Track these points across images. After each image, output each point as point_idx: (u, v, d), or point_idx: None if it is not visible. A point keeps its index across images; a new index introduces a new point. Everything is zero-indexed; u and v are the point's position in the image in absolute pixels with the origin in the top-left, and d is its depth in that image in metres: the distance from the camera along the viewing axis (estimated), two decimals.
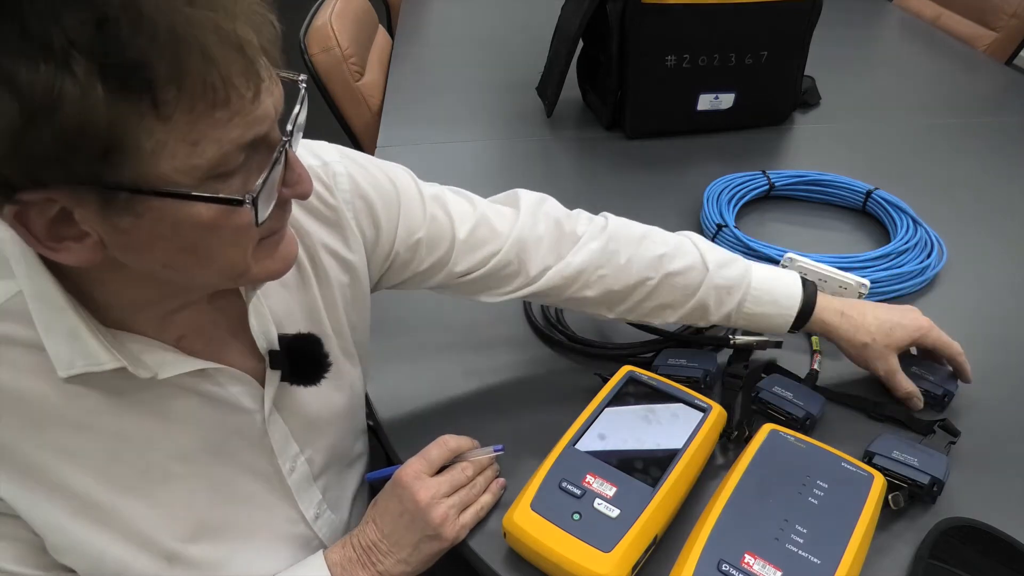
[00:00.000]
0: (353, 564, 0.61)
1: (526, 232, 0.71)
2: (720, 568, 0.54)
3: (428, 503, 0.61)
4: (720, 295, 0.73)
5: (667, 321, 0.76)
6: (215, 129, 0.40)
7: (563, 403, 0.72)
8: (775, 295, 0.73)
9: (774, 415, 0.72)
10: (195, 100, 0.39)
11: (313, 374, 0.60)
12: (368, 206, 0.65)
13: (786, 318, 0.73)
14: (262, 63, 0.41)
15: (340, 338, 0.67)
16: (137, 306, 0.50)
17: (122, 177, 0.39)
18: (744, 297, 0.73)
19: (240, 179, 0.43)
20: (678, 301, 0.73)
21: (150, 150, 0.39)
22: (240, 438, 0.58)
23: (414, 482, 0.62)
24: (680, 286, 0.73)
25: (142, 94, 0.37)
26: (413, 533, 0.61)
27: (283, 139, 0.45)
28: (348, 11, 1.51)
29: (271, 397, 0.58)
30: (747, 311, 0.73)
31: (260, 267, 0.49)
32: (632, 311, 0.75)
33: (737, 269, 0.73)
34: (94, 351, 0.48)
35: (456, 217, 0.69)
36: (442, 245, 0.69)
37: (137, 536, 0.53)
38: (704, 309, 0.73)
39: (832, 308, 0.74)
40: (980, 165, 1.20)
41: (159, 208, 0.41)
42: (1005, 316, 0.88)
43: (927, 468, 0.63)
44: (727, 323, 0.75)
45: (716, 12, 1.17)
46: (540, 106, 1.38)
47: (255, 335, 0.57)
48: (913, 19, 1.87)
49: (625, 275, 0.72)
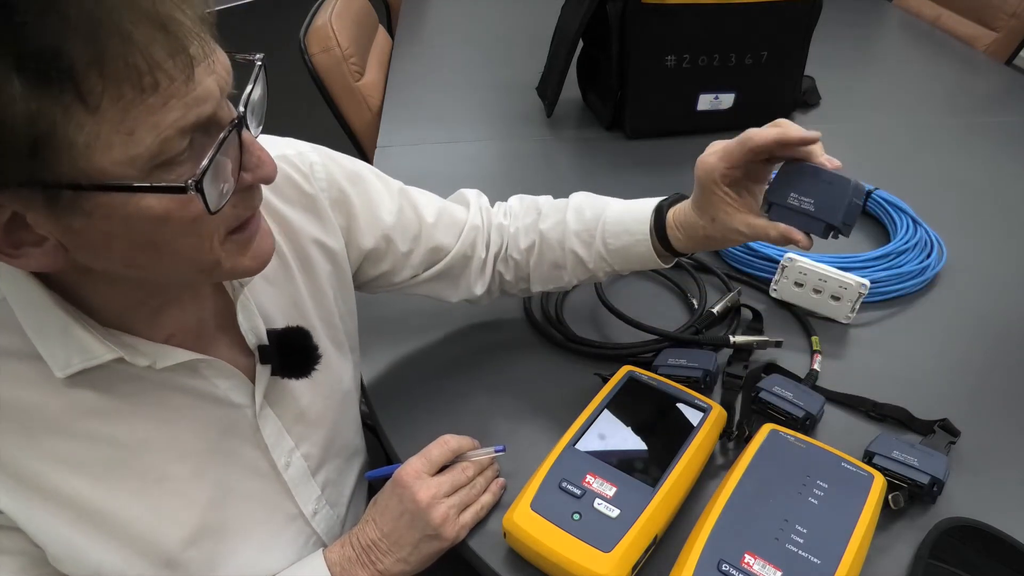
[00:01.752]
0: (352, 563, 0.61)
1: (476, 220, 0.76)
2: (720, 568, 0.54)
3: (428, 503, 0.61)
4: (584, 240, 0.72)
5: (567, 282, 0.75)
6: (150, 115, 0.38)
7: (563, 403, 0.72)
8: (626, 224, 0.69)
9: (774, 415, 0.72)
10: (121, 86, 0.37)
11: (303, 367, 0.60)
12: (343, 196, 0.67)
13: (645, 244, 0.68)
14: (195, 41, 0.39)
15: (329, 328, 0.67)
16: (123, 308, 0.50)
17: (60, 175, 0.38)
18: (604, 235, 0.70)
19: (189, 166, 0.41)
20: (559, 257, 0.74)
21: (84, 144, 0.37)
22: (234, 435, 0.58)
23: (414, 482, 0.62)
24: (554, 242, 0.74)
25: (63, 84, 0.35)
26: (413, 532, 0.61)
27: (233, 118, 0.43)
28: (348, 11, 1.51)
29: (262, 392, 0.58)
30: (611, 248, 0.70)
31: (233, 263, 0.48)
32: (537, 279, 0.77)
33: (594, 210, 0.72)
34: (89, 345, 0.47)
35: (420, 204, 0.74)
36: (411, 231, 0.72)
37: (136, 542, 0.53)
38: (578, 260, 0.72)
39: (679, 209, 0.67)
40: (980, 165, 1.20)
41: (106, 204, 0.40)
42: (1005, 316, 0.88)
43: (927, 468, 0.63)
44: (609, 269, 0.72)
45: (716, 12, 1.17)
46: (540, 106, 1.38)
47: (243, 331, 0.57)
48: (913, 19, 1.87)
49: (516, 245, 0.77)
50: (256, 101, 0.46)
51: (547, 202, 0.78)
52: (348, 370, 0.70)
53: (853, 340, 0.84)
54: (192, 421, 0.55)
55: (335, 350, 0.68)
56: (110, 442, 0.51)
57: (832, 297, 0.85)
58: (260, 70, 0.46)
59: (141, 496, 0.53)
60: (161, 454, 0.54)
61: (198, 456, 0.56)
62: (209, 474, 0.56)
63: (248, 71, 0.46)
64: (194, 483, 0.56)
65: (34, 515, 0.49)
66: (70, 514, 0.50)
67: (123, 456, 0.52)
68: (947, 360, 0.77)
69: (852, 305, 0.84)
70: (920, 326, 0.86)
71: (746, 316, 0.87)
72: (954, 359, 0.79)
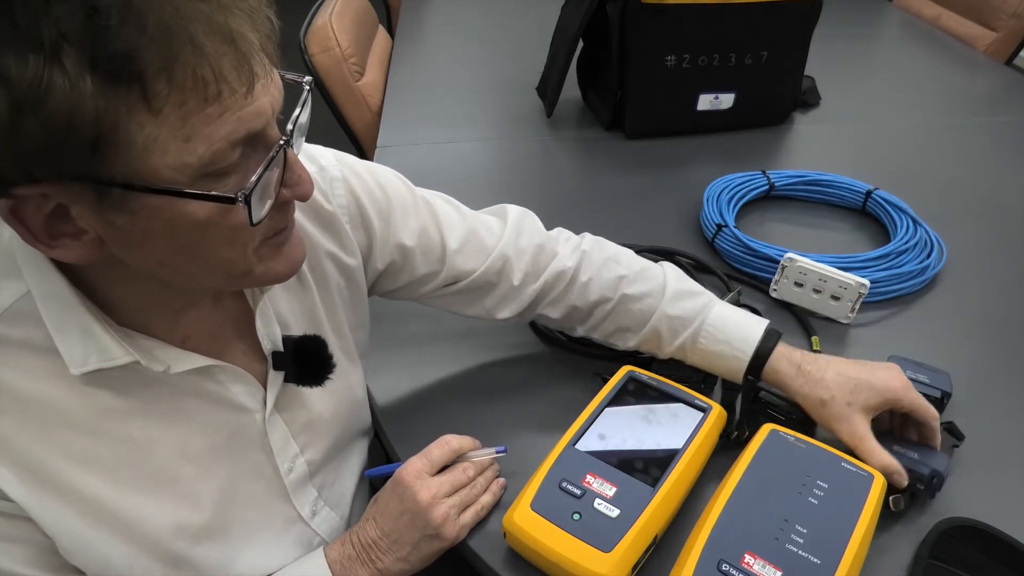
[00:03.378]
0: (352, 561, 0.61)
1: (510, 248, 0.72)
2: (720, 568, 0.54)
3: (429, 502, 0.61)
4: (674, 325, 0.71)
5: (628, 345, 0.75)
6: (206, 125, 0.40)
7: (563, 403, 0.72)
8: (729, 336, 0.70)
9: (775, 415, 0.72)
10: (186, 93, 0.38)
11: (318, 375, 0.60)
12: (362, 213, 0.66)
13: (740, 360, 0.69)
14: (257, 59, 0.41)
15: (340, 338, 0.67)
16: (144, 307, 0.51)
17: (115, 173, 0.39)
18: (698, 332, 0.71)
19: (236, 178, 0.43)
20: (635, 325, 0.73)
21: (142, 145, 0.38)
22: (241, 438, 0.58)
23: (415, 481, 0.62)
24: (636, 311, 0.72)
25: (131, 85, 0.37)
26: (413, 532, 0.61)
27: (282, 138, 0.45)
28: (348, 11, 1.51)
29: (273, 397, 0.59)
30: (700, 347, 0.71)
31: (264, 268, 0.49)
32: (595, 330, 0.76)
33: (696, 303, 0.71)
34: (107, 346, 0.48)
35: (445, 227, 0.71)
36: (433, 254, 0.70)
37: (145, 539, 0.53)
38: (658, 337, 0.72)
39: (790, 359, 0.69)
40: (980, 165, 1.20)
41: (153, 205, 0.41)
42: (1005, 316, 0.88)
43: (928, 461, 0.63)
44: (683, 357, 0.73)
45: (716, 12, 1.17)
46: (540, 106, 1.38)
47: (260, 336, 0.58)
48: (913, 19, 1.87)
49: (585, 294, 0.73)
50: (302, 123, 0.48)
51: (632, 261, 0.75)
52: (359, 379, 0.71)
53: (853, 340, 0.84)
54: (203, 423, 0.55)
55: (346, 359, 0.68)
56: (123, 440, 0.51)
57: (832, 297, 0.85)
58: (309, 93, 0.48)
59: (151, 495, 0.53)
60: (172, 454, 0.54)
61: (207, 457, 0.56)
62: (216, 475, 0.57)
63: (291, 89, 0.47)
64: (202, 484, 0.56)
65: (47, 507, 0.49)
66: (81, 508, 0.50)
67: (135, 455, 0.52)
68: (947, 360, 0.77)
69: (852, 305, 0.84)
70: (920, 326, 0.86)
71: None
72: (954, 359, 0.79)
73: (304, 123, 0.48)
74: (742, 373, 0.70)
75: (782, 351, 0.69)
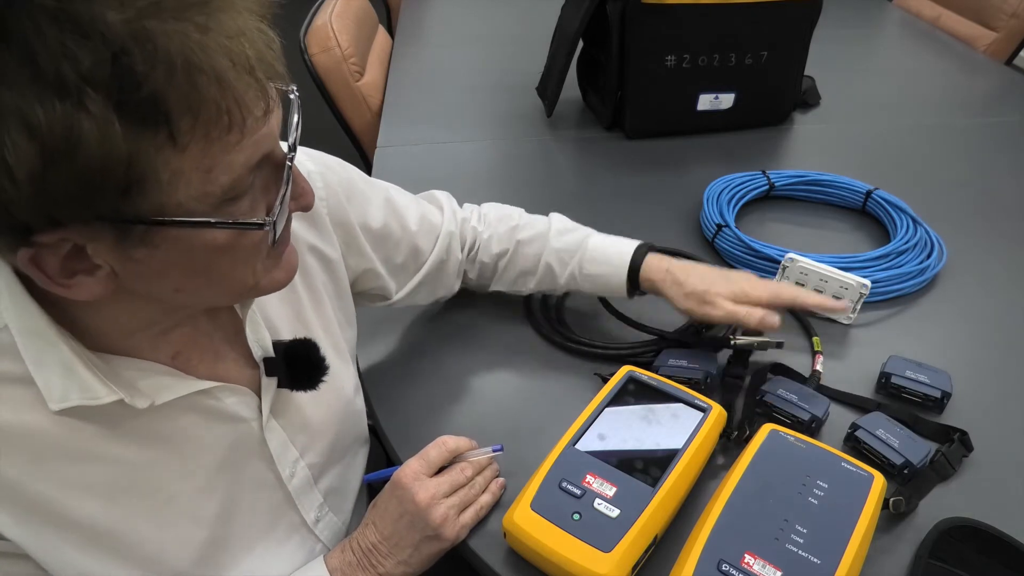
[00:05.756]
0: (353, 568, 0.60)
1: (452, 224, 0.81)
2: (720, 568, 0.54)
3: (427, 504, 0.61)
4: (562, 257, 0.81)
5: (528, 288, 0.83)
6: (227, 154, 0.40)
7: (563, 403, 0.72)
8: (607, 255, 0.79)
9: (779, 418, 0.72)
10: (210, 127, 0.38)
11: (311, 379, 0.59)
12: (339, 204, 0.68)
13: (619, 277, 0.78)
14: (270, 83, 0.41)
15: (330, 336, 0.67)
16: (132, 329, 0.49)
17: (140, 210, 0.39)
18: (582, 259, 0.80)
19: (248, 199, 0.43)
20: (530, 267, 0.82)
21: (167, 180, 0.38)
22: (239, 449, 0.58)
23: (413, 483, 0.62)
24: (530, 254, 0.82)
25: (159, 126, 0.37)
26: (413, 534, 0.61)
27: (288, 156, 0.45)
28: (348, 11, 1.51)
29: (268, 404, 0.58)
30: (585, 271, 0.80)
31: (268, 279, 0.50)
32: (501, 280, 0.84)
33: (577, 236, 0.81)
34: (90, 385, 0.46)
35: (403, 213, 0.76)
36: (394, 235, 0.75)
37: (145, 561, 0.52)
38: (551, 273, 0.81)
39: (659, 266, 0.78)
40: (980, 165, 1.20)
41: (175, 237, 0.41)
42: (1005, 316, 0.88)
43: (905, 452, 0.64)
44: (575, 287, 0.81)
45: (716, 12, 1.17)
46: (540, 106, 1.38)
47: (251, 344, 0.57)
48: (913, 19, 1.87)
49: (488, 249, 0.82)
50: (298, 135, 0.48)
51: (523, 215, 0.85)
52: (349, 377, 0.71)
53: (853, 340, 0.84)
54: (199, 439, 0.55)
55: (337, 359, 0.68)
56: (117, 464, 0.50)
57: (833, 297, 0.85)
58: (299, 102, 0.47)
59: (150, 516, 0.52)
60: (168, 473, 0.53)
61: (206, 472, 0.55)
62: (217, 489, 0.56)
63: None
64: (202, 499, 0.55)
65: (42, 540, 0.48)
66: (78, 537, 0.49)
67: (131, 477, 0.51)
68: (947, 360, 0.77)
69: (853, 305, 0.84)
70: (920, 326, 0.86)
71: None
72: (954, 359, 0.79)
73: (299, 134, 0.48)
74: (624, 288, 0.79)
75: (652, 260, 0.78)
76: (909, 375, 0.74)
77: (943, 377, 0.74)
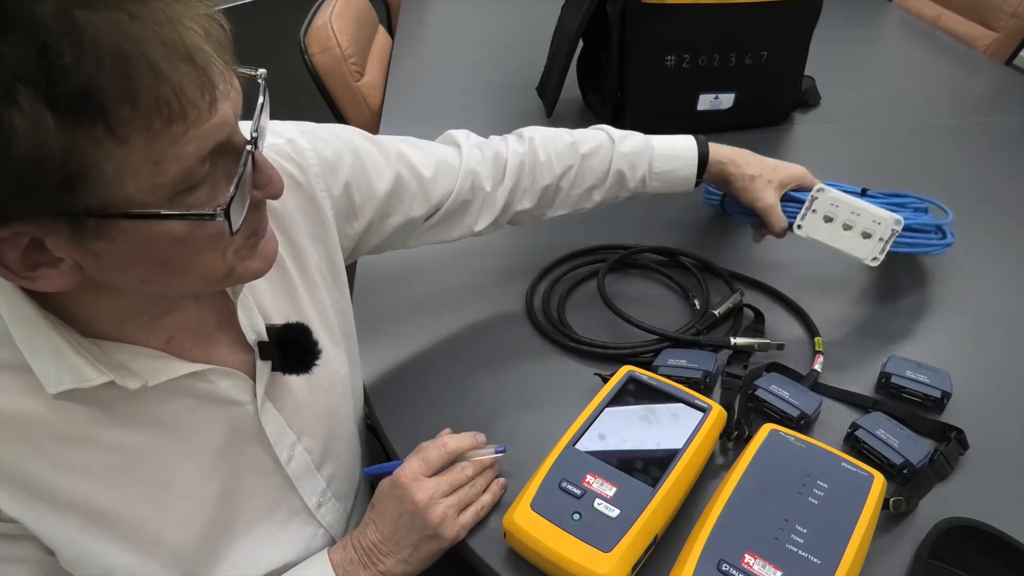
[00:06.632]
0: (355, 565, 0.61)
1: (473, 162, 0.78)
2: (720, 568, 0.54)
3: (427, 503, 0.61)
4: (632, 160, 0.83)
5: (595, 202, 0.85)
6: (173, 145, 0.39)
7: (563, 403, 0.72)
8: (676, 151, 0.84)
9: (770, 413, 0.72)
10: (151, 118, 0.37)
11: (304, 363, 0.59)
12: (337, 177, 0.67)
13: (691, 167, 0.84)
14: (216, 69, 0.40)
15: (324, 322, 0.67)
16: (123, 317, 0.50)
17: (88, 203, 0.38)
18: (652, 158, 0.84)
19: (208, 188, 0.43)
20: (599, 179, 0.83)
21: (112, 173, 0.38)
22: (236, 433, 0.58)
23: (412, 483, 0.62)
24: (596, 165, 0.83)
25: (95, 119, 0.36)
26: (412, 533, 0.61)
27: (248, 144, 0.44)
28: (348, 11, 1.51)
29: (263, 388, 0.58)
30: (656, 170, 0.84)
31: (243, 267, 0.49)
32: (566, 203, 0.84)
33: (639, 138, 0.84)
34: (79, 368, 0.47)
35: (416, 162, 0.75)
36: (411, 190, 0.74)
37: (146, 544, 0.53)
38: (621, 178, 0.84)
39: (724, 152, 0.86)
40: (980, 165, 1.20)
41: (130, 229, 0.41)
42: (1005, 316, 0.88)
43: (904, 452, 0.64)
44: (644, 189, 0.85)
45: (716, 12, 1.17)
46: (540, 106, 1.38)
47: (244, 328, 0.57)
48: (913, 19, 1.87)
49: (552, 170, 0.81)
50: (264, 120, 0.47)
51: (573, 132, 0.84)
52: (343, 360, 0.70)
53: (854, 340, 0.84)
54: (195, 423, 0.55)
55: (331, 344, 0.68)
56: (115, 448, 0.51)
57: (863, 234, 0.82)
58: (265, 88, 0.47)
59: (150, 499, 0.53)
60: (167, 457, 0.53)
61: (204, 456, 0.56)
62: (216, 473, 0.56)
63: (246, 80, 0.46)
64: (202, 483, 0.56)
65: (44, 521, 0.49)
66: (80, 519, 0.50)
67: (129, 461, 0.51)
68: (947, 360, 0.77)
69: (883, 245, 0.81)
70: (920, 326, 0.86)
71: (748, 316, 0.87)
72: (954, 359, 0.79)
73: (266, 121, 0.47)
74: (694, 179, 0.85)
75: (715, 147, 0.86)
76: (909, 375, 0.74)
77: (943, 377, 0.74)
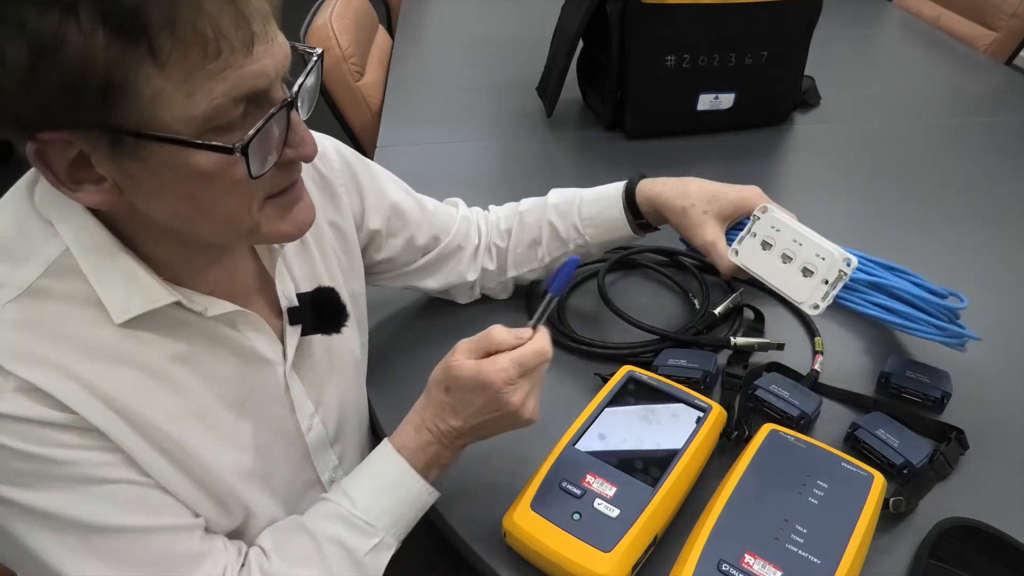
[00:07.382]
0: (432, 445, 0.60)
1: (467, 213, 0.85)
2: (720, 568, 0.54)
3: (519, 407, 0.58)
4: (561, 211, 0.83)
5: (542, 260, 0.84)
6: (207, 80, 0.42)
7: (563, 403, 0.72)
8: (603, 192, 0.82)
9: (770, 413, 0.72)
10: (188, 48, 0.41)
11: (335, 322, 0.63)
12: (354, 179, 0.73)
13: (617, 207, 0.80)
14: (257, 20, 0.44)
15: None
16: (175, 262, 0.53)
17: (126, 121, 0.42)
18: (580, 205, 0.82)
19: (240, 133, 0.45)
20: (536, 234, 0.84)
21: (149, 97, 0.42)
22: (264, 392, 0.60)
23: (507, 388, 0.58)
24: (532, 221, 0.84)
25: (139, 39, 0.40)
26: (499, 425, 0.60)
27: (285, 98, 0.47)
28: (348, 11, 1.51)
29: (292, 348, 0.61)
30: (585, 215, 0.81)
31: (271, 227, 0.52)
32: (514, 263, 0.85)
33: (572, 191, 0.84)
34: (151, 287, 0.51)
35: (419, 197, 0.81)
36: (414, 216, 0.79)
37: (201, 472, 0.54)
38: (554, 230, 0.83)
39: (656, 185, 0.79)
40: (980, 165, 1.20)
41: (160, 154, 0.44)
42: (1005, 316, 0.88)
43: (904, 452, 0.64)
44: (582, 242, 0.82)
45: (716, 12, 1.17)
46: (540, 106, 1.38)
47: (279, 292, 0.61)
48: (913, 19, 1.87)
49: (497, 229, 0.85)
50: (309, 89, 0.51)
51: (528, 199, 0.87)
52: (357, 342, 0.73)
53: (854, 340, 0.84)
54: (232, 373, 0.57)
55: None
56: (171, 382, 0.53)
57: (803, 271, 0.68)
58: (317, 62, 0.52)
59: (204, 433, 0.55)
60: (211, 400, 0.56)
61: (239, 407, 0.58)
62: (247, 426, 0.58)
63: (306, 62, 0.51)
64: (239, 430, 0.58)
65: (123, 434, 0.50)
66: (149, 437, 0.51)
67: (181, 396, 0.54)
68: (947, 360, 0.77)
69: (827, 290, 0.66)
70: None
71: (748, 316, 0.86)
72: (954, 359, 0.79)
73: (311, 87, 0.51)
74: (624, 219, 0.80)
75: (649, 182, 0.80)
76: (909, 375, 0.74)
77: (943, 377, 0.74)
